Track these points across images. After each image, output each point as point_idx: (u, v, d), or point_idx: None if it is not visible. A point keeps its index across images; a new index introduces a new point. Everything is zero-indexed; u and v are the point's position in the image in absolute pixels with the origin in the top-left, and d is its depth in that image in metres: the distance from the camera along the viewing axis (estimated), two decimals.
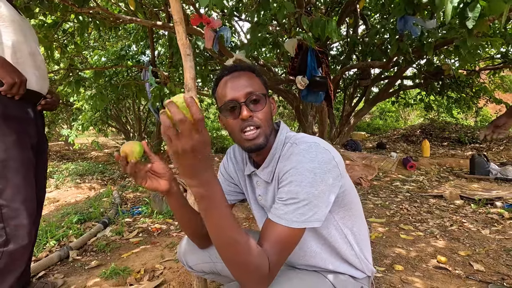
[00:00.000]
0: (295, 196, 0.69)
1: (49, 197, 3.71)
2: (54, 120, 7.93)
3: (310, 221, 0.69)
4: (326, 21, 2.20)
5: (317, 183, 0.69)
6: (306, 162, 0.71)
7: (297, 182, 0.70)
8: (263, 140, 0.78)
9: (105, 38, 5.32)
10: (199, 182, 0.60)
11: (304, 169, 0.70)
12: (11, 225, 1.20)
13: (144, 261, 1.77)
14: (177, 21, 1.27)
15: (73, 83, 3.19)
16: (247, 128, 0.77)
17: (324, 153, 0.72)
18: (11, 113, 1.19)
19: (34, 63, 1.28)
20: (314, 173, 0.69)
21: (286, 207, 0.70)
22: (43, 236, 2.10)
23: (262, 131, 0.78)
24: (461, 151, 5.48)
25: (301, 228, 0.69)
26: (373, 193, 3.22)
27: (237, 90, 0.77)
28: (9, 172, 1.18)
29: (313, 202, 0.69)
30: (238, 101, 0.77)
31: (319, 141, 0.76)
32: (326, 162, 0.71)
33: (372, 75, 5.90)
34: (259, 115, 0.78)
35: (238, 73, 0.81)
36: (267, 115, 0.79)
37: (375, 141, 7.36)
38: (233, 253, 0.64)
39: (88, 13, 2.42)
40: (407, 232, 2.14)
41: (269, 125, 0.80)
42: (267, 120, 0.79)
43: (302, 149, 0.74)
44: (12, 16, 1.21)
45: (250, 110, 0.76)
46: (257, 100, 0.78)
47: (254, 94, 0.77)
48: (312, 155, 0.71)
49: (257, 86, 0.80)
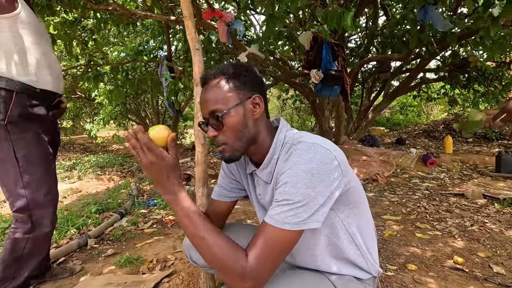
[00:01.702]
0: (289, 197, 0.68)
1: (72, 187, 3.89)
2: (78, 114, 8.29)
3: (306, 223, 0.68)
4: (342, 13, 2.13)
5: (314, 184, 0.67)
6: (303, 163, 0.69)
7: (292, 183, 0.68)
8: (231, 154, 0.79)
9: (124, 34, 5.45)
10: (164, 191, 0.75)
11: (300, 170, 0.68)
12: (36, 214, 1.28)
13: (156, 251, 1.83)
14: (186, 15, 1.27)
15: (92, 79, 3.31)
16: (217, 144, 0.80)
17: (324, 153, 0.70)
18: (29, 112, 1.25)
19: (48, 62, 1.33)
20: (311, 174, 0.67)
21: (279, 208, 0.69)
22: (64, 224, 2.21)
23: (228, 147, 0.78)
24: (487, 148, 5.20)
25: (294, 230, 0.68)
26: (389, 190, 3.13)
27: (203, 108, 0.80)
28: (31, 166, 1.25)
29: (309, 204, 0.67)
30: (206, 120, 0.80)
31: (319, 140, 0.73)
32: (325, 163, 0.69)
33: (392, 68, 5.68)
34: (224, 133, 0.77)
35: (206, 86, 0.80)
36: (233, 130, 0.76)
37: (394, 136, 7.13)
38: (204, 252, 0.71)
39: (106, 10, 2.48)
40: (423, 231, 2.07)
41: (240, 138, 0.78)
42: (235, 135, 0.77)
43: (300, 150, 0.71)
44: (29, 18, 1.26)
45: (214, 130, 0.78)
46: (217, 119, 0.76)
47: (215, 113, 0.76)
48: (310, 156, 0.69)
49: (222, 98, 0.76)
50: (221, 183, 0.99)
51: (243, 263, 0.66)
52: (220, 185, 0.99)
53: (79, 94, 6.78)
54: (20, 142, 1.23)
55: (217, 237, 0.70)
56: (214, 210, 0.99)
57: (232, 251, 0.68)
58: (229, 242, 0.70)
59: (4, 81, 1.21)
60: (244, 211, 2.56)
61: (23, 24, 1.24)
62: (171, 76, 3.34)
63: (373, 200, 2.81)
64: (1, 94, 1.19)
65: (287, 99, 8.57)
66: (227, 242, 0.69)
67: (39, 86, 1.28)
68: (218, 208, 0.99)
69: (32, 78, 1.26)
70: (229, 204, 0.99)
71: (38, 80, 1.28)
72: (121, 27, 3.52)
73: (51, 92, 1.35)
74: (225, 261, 0.67)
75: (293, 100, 8.20)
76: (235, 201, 1.00)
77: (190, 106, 9.58)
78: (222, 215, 0.99)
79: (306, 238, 0.78)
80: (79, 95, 6.79)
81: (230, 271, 0.66)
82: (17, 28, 1.23)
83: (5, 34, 1.21)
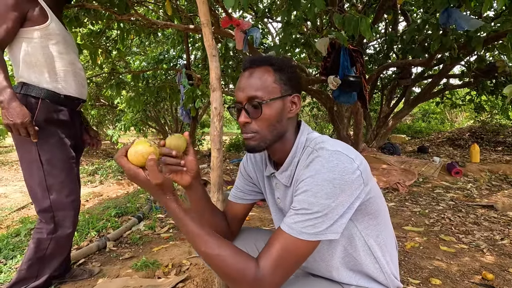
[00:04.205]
0: (308, 206, 0.65)
1: (94, 191, 4.03)
2: (102, 121, 8.62)
3: (324, 234, 0.65)
4: (359, 18, 2.10)
5: (336, 194, 0.65)
6: (325, 172, 0.66)
7: (313, 192, 0.65)
8: (258, 143, 0.76)
9: (146, 44, 5.66)
10: (161, 203, 0.72)
11: (321, 179, 0.65)
12: (59, 215, 1.33)
13: (172, 256, 1.84)
14: (204, 23, 1.30)
15: (114, 86, 3.45)
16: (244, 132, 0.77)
17: (346, 162, 0.67)
18: (54, 117, 1.32)
19: (73, 71, 1.40)
20: (332, 184, 0.65)
21: (297, 217, 0.66)
22: (85, 226, 2.28)
23: (259, 136, 0.76)
24: None
25: (311, 240, 0.65)
26: (411, 200, 3.00)
27: (242, 92, 0.76)
28: (55, 169, 1.31)
29: (328, 214, 0.65)
30: (241, 104, 0.77)
31: (341, 147, 0.70)
32: (348, 172, 0.66)
33: (413, 74, 5.52)
34: (258, 122, 0.75)
35: (251, 70, 0.78)
36: (268, 121, 0.75)
37: (416, 144, 6.87)
38: (210, 264, 0.68)
39: (129, 20, 2.59)
40: (448, 243, 1.96)
41: (272, 130, 0.76)
42: (268, 126, 0.75)
43: (322, 157, 0.68)
44: (58, 30, 1.35)
45: (248, 116, 0.75)
46: (257, 106, 0.74)
47: (255, 100, 0.74)
48: (332, 165, 0.66)
49: (266, 87, 0.75)
50: (238, 185, 0.99)
51: (254, 271, 0.64)
52: (237, 187, 0.98)
53: (103, 102, 7.06)
54: (44, 146, 1.28)
55: (220, 248, 0.66)
56: (230, 212, 0.98)
57: (239, 260, 0.65)
58: (235, 251, 0.66)
59: (32, 89, 1.28)
60: (260, 218, 2.54)
61: (52, 35, 1.32)
62: (189, 83, 3.42)
63: (393, 210, 2.70)
64: (29, 101, 1.26)
65: (304, 106, 8.51)
66: (232, 253, 0.66)
67: (63, 93, 1.35)
68: (234, 210, 0.98)
69: (57, 85, 1.33)
70: (245, 206, 0.97)
71: (63, 87, 1.35)
72: (143, 36, 3.66)
73: (75, 98, 1.41)
74: (232, 272, 0.64)
75: (310, 107, 8.13)
76: (251, 204, 0.99)
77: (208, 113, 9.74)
78: (239, 217, 0.98)
79: (322, 248, 0.76)
80: (103, 102, 7.08)
81: (240, 282, 0.64)
82: (46, 39, 1.31)
83: (35, 44, 1.29)
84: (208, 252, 0.66)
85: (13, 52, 1.30)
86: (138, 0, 2.69)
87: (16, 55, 1.29)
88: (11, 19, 1.21)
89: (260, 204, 2.84)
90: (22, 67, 1.29)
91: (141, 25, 2.70)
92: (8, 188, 4.38)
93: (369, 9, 4.38)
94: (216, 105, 1.25)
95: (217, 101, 1.25)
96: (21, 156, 1.31)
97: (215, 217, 0.91)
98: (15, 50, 1.29)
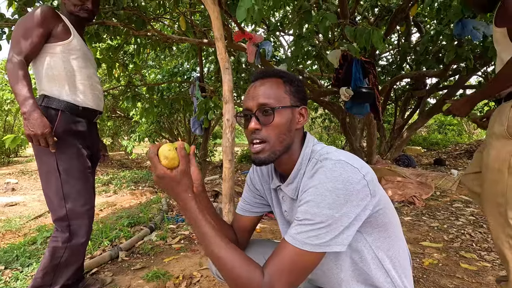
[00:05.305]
0: (310, 217, 0.65)
1: (108, 201, 4.10)
2: (117, 132, 8.87)
3: (328, 245, 0.64)
4: (371, 30, 2.11)
5: (339, 205, 0.64)
6: (327, 182, 0.65)
7: (315, 202, 0.65)
8: (268, 155, 0.75)
9: (161, 58, 5.84)
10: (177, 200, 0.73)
11: (324, 189, 0.65)
12: (74, 224, 1.36)
13: (183, 267, 1.83)
14: (217, 37, 1.34)
15: (130, 98, 3.57)
16: (254, 140, 0.76)
17: (351, 172, 0.66)
18: (72, 128, 1.37)
19: (91, 84, 1.46)
20: (336, 194, 0.64)
21: (300, 227, 0.66)
22: (99, 236, 2.31)
23: (268, 147, 0.75)
24: None
25: (315, 251, 0.64)
26: (428, 214, 2.90)
27: (252, 100, 0.77)
28: (72, 178, 1.35)
29: (332, 225, 0.64)
30: (251, 111, 0.77)
31: (346, 157, 0.70)
32: (352, 182, 0.65)
33: (427, 85, 5.43)
34: (269, 130, 0.75)
35: (261, 81, 0.79)
36: (279, 129, 0.75)
37: (432, 156, 6.69)
38: (219, 267, 0.68)
39: (145, 35, 2.69)
40: (469, 261, 1.87)
41: (282, 141, 0.76)
42: (278, 135, 0.75)
43: (325, 167, 0.68)
44: (79, 46, 1.42)
45: (259, 123, 0.75)
46: (268, 112, 0.74)
47: (266, 106, 0.75)
48: (335, 174, 0.66)
49: (277, 96, 0.76)
50: (245, 197, 0.98)
51: (260, 280, 0.64)
52: (244, 200, 0.98)
53: (119, 113, 7.29)
54: (62, 156, 1.33)
55: (230, 252, 0.68)
56: (238, 225, 0.98)
57: (247, 267, 0.66)
58: (244, 258, 0.67)
59: (52, 101, 1.34)
60: (271, 230, 2.50)
61: (73, 50, 1.39)
62: (202, 96, 3.49)
63: (410, 224, 2.61)
64: (49, 112, 1.32)
65: (316, 117, 8.49)
66: (242, 259, 0.67)
67: (82, 105, 1.40)
68: (242, 222, 0.97)
69: (76, 98, 1.39)
70: (252, 219, 0.97)
71: (82, 100, 1.41)
72: (158, 50, 3.78)
73: (92, 110, 1.47)
74: (240, 278, 0.65)
75: (322, 119, 8.10)
76: (259, 217, 0.98)
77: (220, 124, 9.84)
78: (247, 230, 0.98)
79: (330, 261, 0.74)
80: (119, 114, 7.31)
81: None
82: (68, 54, 1.37)
83: (57, 59, 1.35)
84: (218, 255, 0.68)
85: (37, 66, 1.37)
86: (154, 17, 2.80)
87: (39, 69, 1.36)
88: (38, 36, 1.29)
89: (272, 216, 2.81)
90: (44, 80, 1.35)
91: (156, 39, 2.80)
92: (27, 197, 4.52)
93: (381, 21, 4.38)
94: (228, 117, 1.27)
95: (230, 113, 1.27)
96: (40, 165, 1.36)
97: (222, 228, 0.91)
98: (38, 64, 1.36)
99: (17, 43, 1.27)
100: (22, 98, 1.21)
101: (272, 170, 0.89)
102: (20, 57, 1.26)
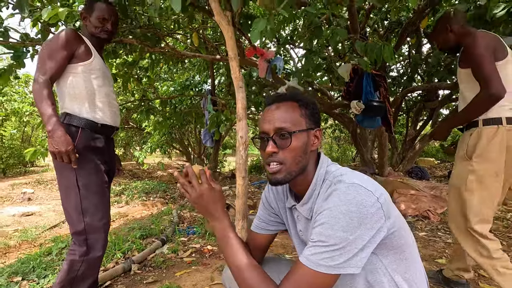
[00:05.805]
0: (324, 239, 0.66)
1: (120, 211, 4.16)
2: (129, 143, 9.05)
3: (342, 267, 0.65)
4: (382, 45, 2.13)
5: (353, 228, 0.65)
6: (341, 205, 0.67)
7: (329, 224, 0.66)
8: (284, 176, 0.78)
9: (173, 71, 5.99)
10: (211, 218, 0.84)
11: (338, 212, 0.66)
12: (91, 238, 1.39)
13: (194, 281, 1.83)
14: (231, 56, 1.38)
15: (144, 112, 3.68)
16: (271, 163, 0.79)
17: (364, 195, 0.67)
18: (91, 144, 1.42)
19: (109, 101, 1.52)
20: (349, 217, 0.65)
21: (314, 249, 0.67)
22: (112, 248, 2.34)
23: (285, 168, 0.78)
24: None
25: (329, 273, 0.65)
26: (444, 229, 2.82)
27: (269, 123, 0.80)
28: (90, 194, 1.39)
29: (346, 247, 0.65)
30: (268, 135, 0.79)
31: (360, 180, 0.71)
32: (366, 205, 0.66)
33: (440, 96, 5.36)
34: (285, 153, 0.77)
35: (277, 104, 0.81)
36: (295, 152, 0.77)
37: (446, 168, 6.54)
38: (240, 283, 0.76)
39: (160, 51, 2.78)
40: (489, 280, 1.80)
41: (298, 162, 0.78)
42: (294, 158, 0.78)
43: (339, 190, 0.70)
44: (99, 65, 1.49)
45: (276, 146, 0.78)
46: (285, 136, 0.77)
47: (283, 130, 0.77)
48: (349, 197, 0.67)
49: (293, 120, 0.79)
50: (260, 215, 1.00)
51: None
52: (259, 217, 0.99)
53: (131, 124, 7.46)
54: (82, 172, 1.37)
55: (252, 270, 0.74)
56: (252, 242, 0.99)
57: (265, 285, 0.71)
58: (264, 277, 0.73)
59: (73, 118, 1.40)
60: (283, 244, 2.49)
61: (93, 70, 1.46)
62: (214, 109, 3.55)
63: (424, 240, 2.54)
64: (70, 130, 1.37)
65: (326, 128, 8.46)
66: (262, 277, 0.72)
67: (100, 122, 1.46)
68: (257, 240, 0.98)
69: (96, 115, 1.45)
70: (267, 237, 0.98)
71: (101, 117, 1.46)
72: (171, 64, 3.89)
73: (110, 126, 1.52)
74: None
75: (332, 129, 8.06)
76: (274, 235, 0.99)
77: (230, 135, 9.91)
78: (261, 247, 0.99)
79: (345, 283, 0.74)
80: (131, 125, 7.47)
81: None
82: (89, 74, 1.44)
83: (78, 78, 1.42)
84: (240, 267, 0.77)
85: (60, 85, 1.43)
86: (168, 33, 2.90)
87: (62, 88, 1.43)
88: (62, 57, 1.36)
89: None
90: (67, 99, 1.42)
91: (170, 55, 2.89)
92: (43, 207, 4.63)
93: (391, 34, 4.40)
94: (242, 134, 1.29)
95: (243, 130, 1.29)
96: (60, 180, 1.40)
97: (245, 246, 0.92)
98: (62, 83, 1.43)
99: (42, 64, 1.34)
100: (47, 117, 1.27)
101: (287, 189, 0.90)
102: (46, 77, 1.33)
